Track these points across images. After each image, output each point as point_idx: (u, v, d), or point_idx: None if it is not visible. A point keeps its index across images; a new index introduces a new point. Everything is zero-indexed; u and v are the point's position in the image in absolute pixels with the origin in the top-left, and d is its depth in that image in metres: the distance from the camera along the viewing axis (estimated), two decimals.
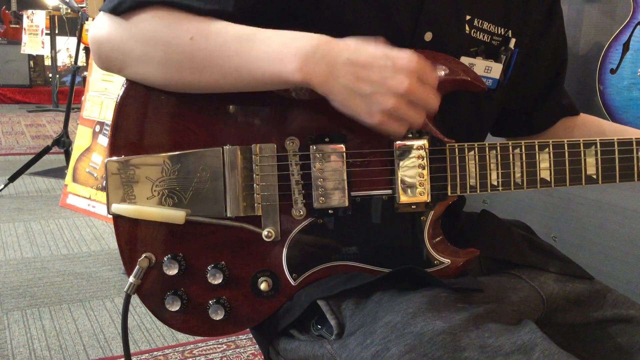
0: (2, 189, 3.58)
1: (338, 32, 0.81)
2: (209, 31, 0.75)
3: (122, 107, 0.83)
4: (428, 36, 0.83)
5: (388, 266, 0.81)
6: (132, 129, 0.82)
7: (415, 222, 0.81)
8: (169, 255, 0.83)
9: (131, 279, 0.82)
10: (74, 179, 3.38)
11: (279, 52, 0.72)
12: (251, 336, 2.03)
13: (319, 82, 0.72)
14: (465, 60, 0.87)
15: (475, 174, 0.80)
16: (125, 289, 0.83)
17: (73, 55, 4.49)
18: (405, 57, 0.71)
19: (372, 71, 0.70)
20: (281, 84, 0.75)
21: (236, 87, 0.77)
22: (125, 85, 0.83)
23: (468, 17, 0.86)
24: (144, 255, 0.83)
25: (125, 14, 0.77)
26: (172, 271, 0.82)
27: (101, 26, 0.80)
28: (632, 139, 0.81)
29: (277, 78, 0.73)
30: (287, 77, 0.72)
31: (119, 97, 0.83)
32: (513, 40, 0.90)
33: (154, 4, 0.76)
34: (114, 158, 0.83)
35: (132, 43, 0.78)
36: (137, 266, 0.82)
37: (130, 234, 0.83)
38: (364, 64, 0.71)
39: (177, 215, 0.81)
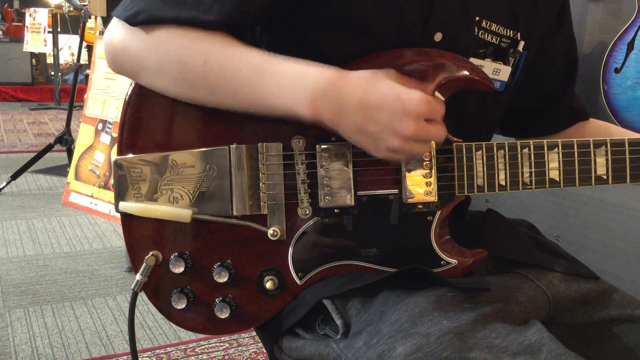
0: (4, 187, 3.58)
1: (348, 31, 0.81)
2: (223, 56, 0.76)
3: (130, 106, 0.83)
4: (438, 36, 0.83)
5: (394, 266, 0.81)
6: (139, 128, 0.83)
7: (422, 222, 0.81)
8: (176, 254, 0.83)
9: (138, 276, 0.83)
10: (76, 177, 3.38)
11: (290, 87, 0.73)
12: (253, 334, 2.03)
13: (329, 119, 0.73)
14: (474, 61, 0.86)
15: (483, 174, 0.80)
16: (132, 287, 0.83)
17: (75, 53, 4.49)
18: (414, 100, 0.71)
19: (381, 113, 0.71)
20: (292, 117, 0.76)
21: (248, 112, 0.78)
22: (133, 84, 0.83)
23: (477, 19, 0.86)
24: (150, 253, 0.83)
25: (141, 26, 0.77)
26: (179, 269, 0.83)
27: (116, 33, 0.80)
28: None
29: (288, 112, 0.75)
30: (298, 112, 0.74)
31: (127, 96, 0.83)
32: (522, 43, 0.90)
33: (168, 20, 0.76)
34: (122, 156, 0.83)
35: (147, 56, 0.78)
36: (144, 264, 0.82)
37: (138, 232, 0.84)
38: (373, 105, 0.71)
39: (183, 213, 0.81)
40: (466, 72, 0.80)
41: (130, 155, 0.83)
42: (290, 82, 0.73)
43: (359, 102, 0.71)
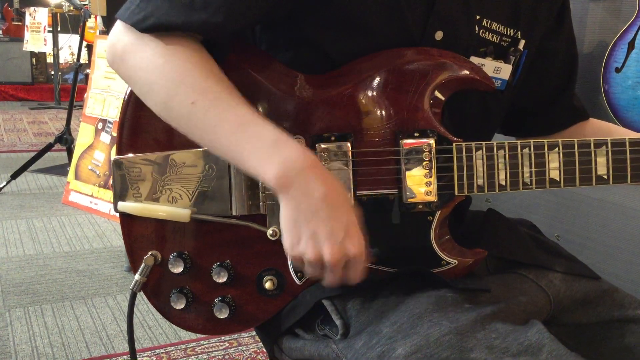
0: (4, 186, 3.58)
1: (348, 30, 0.80)
2: (210, 104, 0.74)
3: (129, 105, 0.83)
4: (438, 35, 0.83)
5: (394, 266, 0.81)
6: (138, 127, 0.83)
7: (421, 222, 0.80)
8: (175, 253, 0.83)
9: (137, 276, 0.82)
10: (76, 177, 3.38)
11: (265, 156, 0.71)
12: (254, 334, 2.03)
13: (285, 196, 0.71)
14: (474, 60, 0.86)
15: (483, 174, 0.79)
16: (131, 287, 0.83)
17: (75, 52, 4.49)
18: (356, 245, 0.71)
19: (325, 227, 0.70)
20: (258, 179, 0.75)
21: (220, 156, 0.78)
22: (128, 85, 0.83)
23: (477, 17, 0.86)
24: (149, 253, 0.83)
25: (149, 33, 0.76)
26: (178, 269, 0.82)
27: (121, 37, 0.78)
28: None
29: (255, 175, 0.73)
30: (264, 180, 0.72)
31: (126, 95, 0.83)
32: (522, 42, 0.90)
33: (177, 26, 0.75)
34: (121, 156, 0.83)
35: (140, 74, 0.77)
36: (143, 264, 0.82)
37: (137, 232, 0.84)
38: (326, 215, 0.70)
39: (182, 213, 0.81)
40: (466, 72, 0.80)
41: (130, 155, 0.83)
42: (267, 150, 0.71)
43: (317, 200, 0.70)
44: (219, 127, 0.74)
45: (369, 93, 0.80)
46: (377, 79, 0.80)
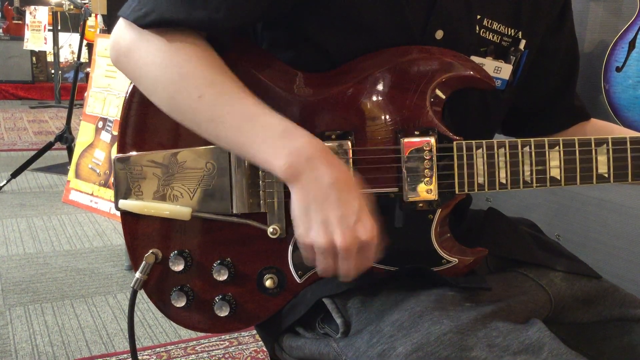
0: (4, 185, 3.58)
1: (349, 28, 0.80)
2: (217, 97, 0.74)
3: (130, 104, 0.83)
4: (439, 34, 0.83)
5: (395, 265, 0.81)
6: (139, 126, 0.83)
7: (422, 221, 0.80)
8: (175, 252, 0.83)
9: (137, 274, 0.83)
10: (77, 175, 3.38)
11: (274, 146, 0.71)
12: (254, 333, 2.03)
13: (295, 185, 0.72)
14: (475, 59, 0.86)
15: (484, 172, 0.79)
16: (131, 285, 0.83)
17: (76, 51, 4.49)
18: (368, 228, 0.71)
19: (336, 212, 0.70)
20: (267, 170, 0.74)
21: (226, 149, 0.78)
22: (133, 83, 0.83)
23: (478, 17, 0.86)
24: (150, 251, 0.83)
25: (149, 29, 0.76)
26: (178, 267, 0.83)
27: (123, 34, 0.78)
28: None
29: (264, 166, 0.74)
30: (273, 170, 0.72)
31: (127, 94, 0.83)
32: (523, 42, 0.90)
33: (179, 22, 0.75)
34: (122, 154, 0.83)
35: (147, 69, 0.77)
36: (144, 262, 0.83)
37: (137, 230, 0.84)
38: (335, 201, 0.70)
39: (183, 211, 0.81)
40: (467, 70, 0.80)
41: (131, 153, 0.83)
42: (276, 140, 0.72)
43: (328, 186, 0.70)
44: (227, 119, 0.74)
45: (370, 91, 0.80)
46: (378, 78, 0.79)
